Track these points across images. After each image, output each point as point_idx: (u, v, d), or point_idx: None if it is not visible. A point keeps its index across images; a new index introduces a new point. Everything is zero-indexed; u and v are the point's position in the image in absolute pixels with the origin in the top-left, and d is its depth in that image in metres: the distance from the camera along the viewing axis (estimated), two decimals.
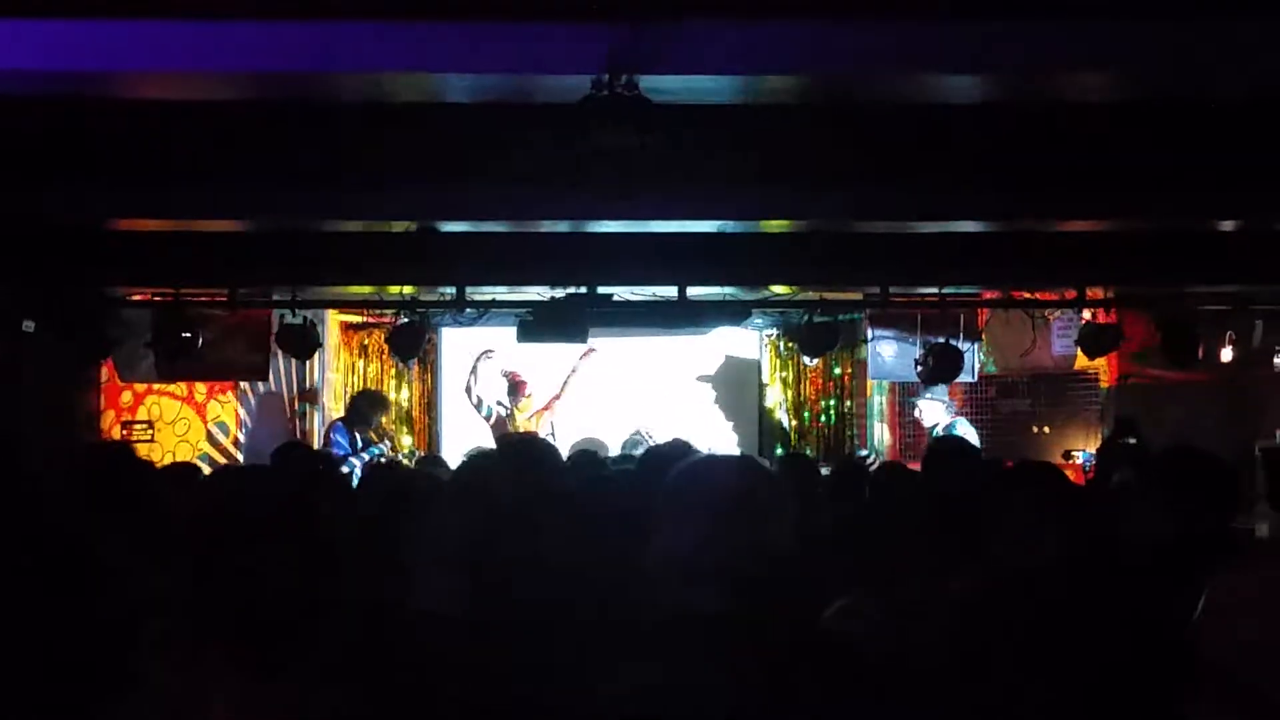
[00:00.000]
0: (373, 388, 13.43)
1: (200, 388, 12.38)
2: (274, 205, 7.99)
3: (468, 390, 12.74)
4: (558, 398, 12.85)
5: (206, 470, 8.17)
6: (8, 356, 10.34)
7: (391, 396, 13.82)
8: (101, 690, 2.35)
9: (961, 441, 8.69)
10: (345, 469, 10.08)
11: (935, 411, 11.46)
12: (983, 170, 7.56)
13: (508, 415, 12.45)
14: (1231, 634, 3.28)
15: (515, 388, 12.56)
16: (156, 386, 12.15)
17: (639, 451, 10.56)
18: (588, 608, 2.99)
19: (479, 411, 12.62)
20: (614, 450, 12.18)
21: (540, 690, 2.54)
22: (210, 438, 12.50)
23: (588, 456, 6.15)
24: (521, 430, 12.16)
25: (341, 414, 12.03)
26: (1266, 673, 3.22)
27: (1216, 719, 3.22)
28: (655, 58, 5.29)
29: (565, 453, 7.38)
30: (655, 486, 2.81)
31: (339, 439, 11.07)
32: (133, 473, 3.47)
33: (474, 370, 12.73)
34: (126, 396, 12.27)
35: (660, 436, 12.69)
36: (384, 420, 11.91)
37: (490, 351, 12.82)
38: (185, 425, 12.44)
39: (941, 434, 11.19)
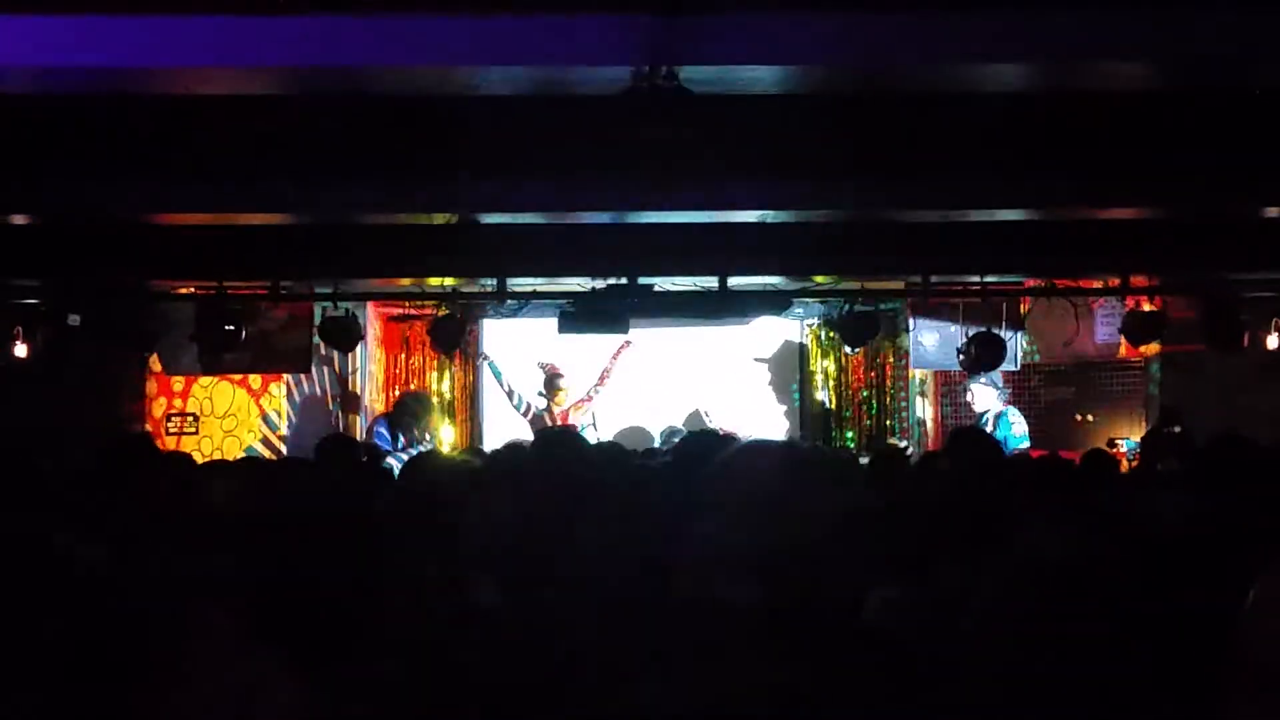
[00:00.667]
0: (418, 387, 13.48)
1: (255, 377, 12.42)
2: (315, 199, 8.02)
3: (503, 386, 12.77)
4: (596, 390, 12.83)
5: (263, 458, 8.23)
6: (53, 351, 10.43)
7: (433, 388, 13.89)
8: (142, 683, 2.37)
9: (979, 431, 8.67)
10: (386, 465, 10.14)
11: (988, 398, 11.43)
12: (1025, 159, 7.52)
13: (545, 409, 12.44)
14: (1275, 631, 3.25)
15: (552, 380, 12.53)
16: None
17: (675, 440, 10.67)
18: (623, 601, 2.99)
19: (511, 402, 12.60)
20: (656, 441, 12.24)
21: (576, 683, 2.54)
22: (263, 427, 12.55)
23: (616, 449, 6.12)
24: (560, 423, 12.16)
25: (384, 410, 12.06)
26: None
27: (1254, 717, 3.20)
28: (695, 49, 5.28)
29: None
30: (691, 477, 2.81)
31: (382, 433, 11.10)
32: (154, 465, 3.49)
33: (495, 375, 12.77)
34: (179, 384, 12.32)
35: (713, 421, 12.85)
36: (429, 422, 11.89)
37: (486, 355, 12.92)
38: (234, 421, 12.48)
39: (992, 420, 11.19)
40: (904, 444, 12.50)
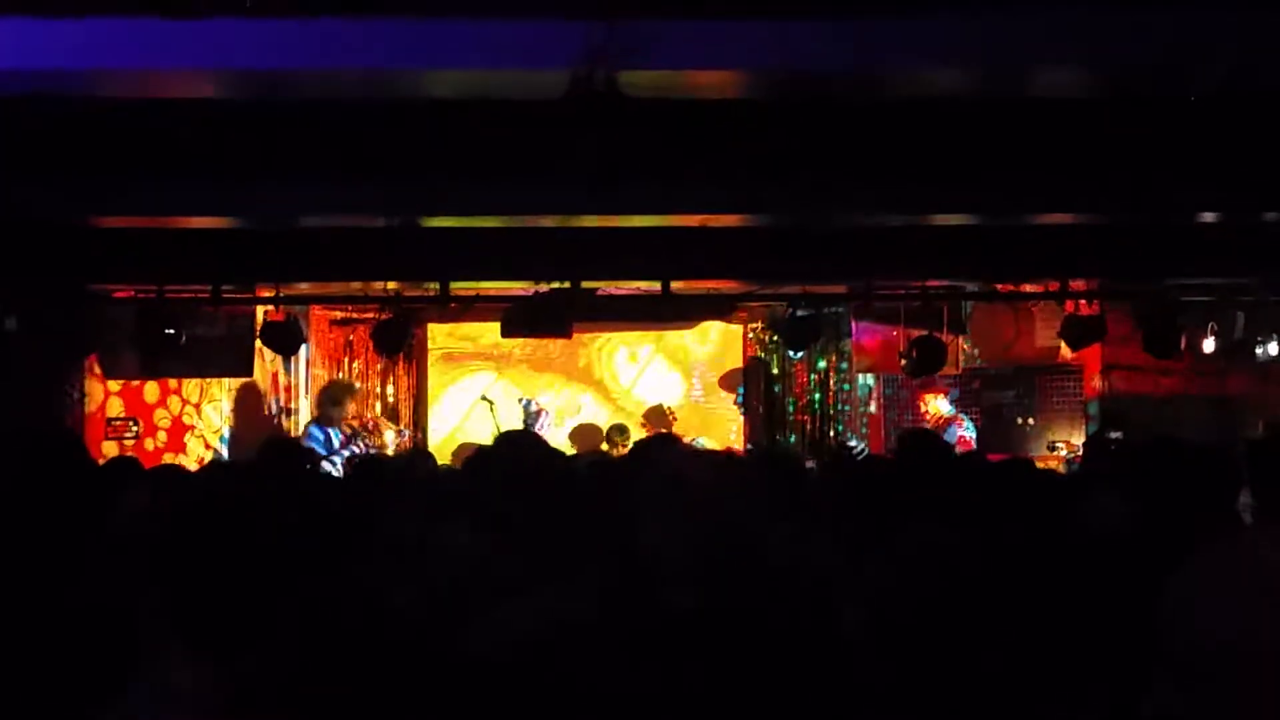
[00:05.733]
0: (341, 379, 13.44)
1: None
2: (257, 202, 7.98)
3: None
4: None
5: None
6: None
7: (376, 392, 13.87)
8: (79, 692, 2.36)
9: (926, 433, 8.75)
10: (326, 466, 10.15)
11: (941, 406, 11.60)
12: (964, 164, 7.57)
13: None
14: (1197, 622, 3.32)
15: (535, 417, 12.59)
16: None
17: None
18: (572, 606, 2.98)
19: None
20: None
21: (519, 686, 2.54)
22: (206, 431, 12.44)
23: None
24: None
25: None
26: (1227, 662, 3.26)
27: (1174, 706, 3.26)
28: (634, 53, 5.28)
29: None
30: (638, 482, 2.82)
31: (315, 435, 11.10)
32: (79, 471, 3.45)
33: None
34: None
35: (676, 419, 13.02)
36: (351, 408, 11.83)
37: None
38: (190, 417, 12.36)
39: (942, 426, 11.32)
40: (855, 445, 12.54)
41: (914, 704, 2.42)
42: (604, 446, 12.65)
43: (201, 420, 12.28)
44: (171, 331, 10.52)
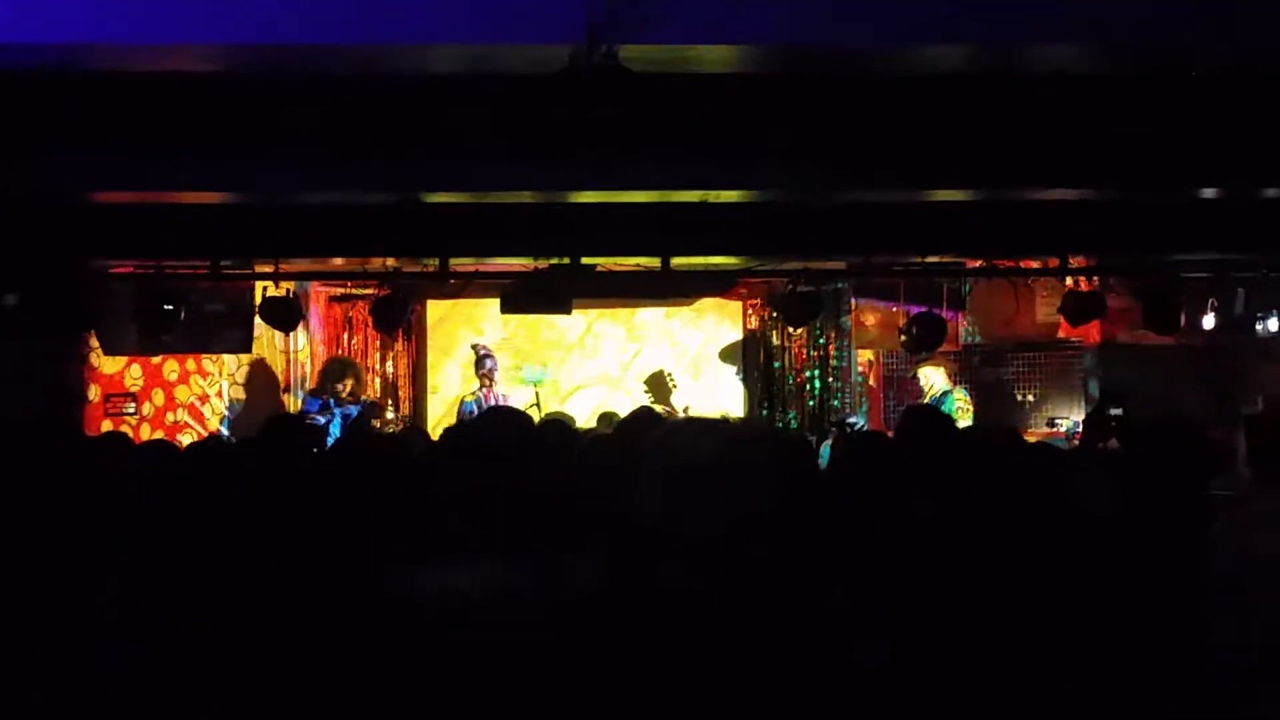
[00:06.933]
0: (342, 356, 13.43)
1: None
2: (255, 177, 7.96)
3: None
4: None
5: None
6: None
7: (376, 368, 13.87)
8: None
9: (929, 408, 8.76)
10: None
11: (937, 378, 11.59)
12: (965, 140, 7.56)
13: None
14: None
15: (483, 362, 12.31)
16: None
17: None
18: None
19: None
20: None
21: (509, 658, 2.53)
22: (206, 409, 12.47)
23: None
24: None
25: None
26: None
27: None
28: (635, 28, 5.26)
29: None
30: (631, 456, 2.81)
31: (311, 405, 11.11)
32: (65, 446, 3.46)
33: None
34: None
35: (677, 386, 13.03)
36: (351, 384, 11.73)
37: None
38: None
39: (938, 399, 11.33)
40: (854, 421, 12.55)
41: (908, 681, 2.42)
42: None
43: (215, 398, 12.32)
44: (171, 307, 10.50)
